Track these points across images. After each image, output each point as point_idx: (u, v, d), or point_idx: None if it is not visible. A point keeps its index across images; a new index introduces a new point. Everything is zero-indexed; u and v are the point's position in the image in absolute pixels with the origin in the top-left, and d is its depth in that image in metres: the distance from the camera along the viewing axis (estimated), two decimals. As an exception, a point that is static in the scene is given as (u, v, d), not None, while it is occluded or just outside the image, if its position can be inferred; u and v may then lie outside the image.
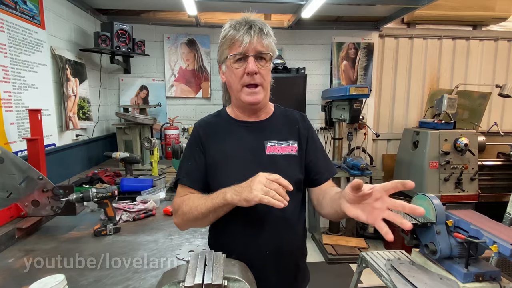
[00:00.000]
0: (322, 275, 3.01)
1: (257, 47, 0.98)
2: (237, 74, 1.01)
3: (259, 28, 0.98)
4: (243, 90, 1.02)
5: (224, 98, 1.18)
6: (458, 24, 4.02)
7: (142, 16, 3.54)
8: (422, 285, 1.46)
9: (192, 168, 1.08)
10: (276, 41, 1.05)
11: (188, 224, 1.05)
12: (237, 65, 1.00)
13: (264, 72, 1.01)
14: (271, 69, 1.08)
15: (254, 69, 0.98)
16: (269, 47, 1.01)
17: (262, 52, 0.99)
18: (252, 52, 0.98)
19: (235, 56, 0.99)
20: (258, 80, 1.00)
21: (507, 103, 4.12)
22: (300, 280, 1.13)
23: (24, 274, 1.10)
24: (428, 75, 4.05)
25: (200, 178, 1.07)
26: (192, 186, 1.06)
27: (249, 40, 0.96)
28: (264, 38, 0.99)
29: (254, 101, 1.02)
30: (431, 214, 1.63)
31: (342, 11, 3.46)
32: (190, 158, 1.10)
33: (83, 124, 2.74)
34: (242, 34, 0.96)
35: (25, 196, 1.46)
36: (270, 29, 1.03)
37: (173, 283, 0.68)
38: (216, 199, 0.92)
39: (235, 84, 1.03)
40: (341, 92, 3.16)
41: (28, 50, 2.02)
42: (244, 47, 0.97)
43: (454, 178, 3.22)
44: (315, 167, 1.09)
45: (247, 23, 0.98)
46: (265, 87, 1.04)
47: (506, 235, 1.40)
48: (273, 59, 1.07)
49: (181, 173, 1.09)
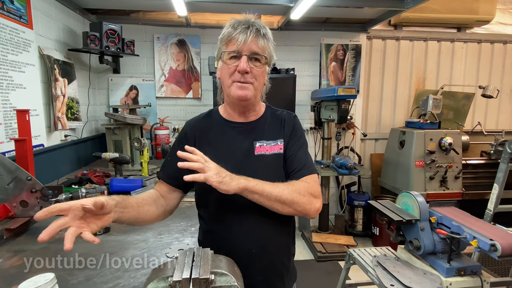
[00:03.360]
0: (311, 272, 3.06)
1: (251, 47, 1.00)
2: (229, 70, 1.03)
3: (256, 29, 1.00)
4: (233, 85, 1.03)
5: (219, 96, 1.19)
6: (443, 27, 4.12)
7: (131, 16, 3.53)
8: (406, 280, 1.51)
9: (170, 163, 1.12)
10: (274, 45, 1.07)
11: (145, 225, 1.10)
12: (231, 61, 1.02)
13: (257, 73, 1.03)
14: (268, 72, 1.10)
15: (245, 68, 0.99)
16: (265, 49, 1.02)
17: (256, 53, 1.01)
18: (246, 52, 1.00)
19: (229, 53, 1.02)
20: (249, 79, 1.02)
21: (490, 104, 4.24)
22: (286, 278, 1.14)
23: (13, 274, 1.10)
24: (414, 76, 4.14)
25: (175, 175, 1.09)
26: (165, 181, 1.11)
27: (244, 39, 0.98)
28: (260, 39, 1.00)
29: (243, 95, 1.03)
30: (415, 211, 1.68)
31: (330, 13, 3.52)
32: (170, 155, 1.14)
33: (72, 125, 2.72)
34: (238, 32, 0.99)
35: (13, 196, 1.45)
36: (269, 33, 1.05)
37: (162, 278, 0.70)
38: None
39: (226, 80, 1.05)
40: (330, 93, 3.21)
41: (16, 50, 2.00)
42: (239, 45, 0.99)
43: (439, 176, 3.31)
44: (292, 164, 1.09)
45: (246, 23, 1.01)
46: (256, 87, 1.05)
47: (486, 231, 1.45)
48: (270, 63, 1.09)
49: (160, 169, 1.15)
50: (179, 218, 1.67)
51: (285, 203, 0.98)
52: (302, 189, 1.01)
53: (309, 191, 1.02)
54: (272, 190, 0.96)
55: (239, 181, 0.93)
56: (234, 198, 1.02)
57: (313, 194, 1.03)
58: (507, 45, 4.21)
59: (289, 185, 1.01)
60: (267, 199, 0.96)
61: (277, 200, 0.97)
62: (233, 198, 1.02)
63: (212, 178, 0.89)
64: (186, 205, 1.89)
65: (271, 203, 0.97)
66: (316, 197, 1.03)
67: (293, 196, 0.98)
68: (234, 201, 1.03)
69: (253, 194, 0.95)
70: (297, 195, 0.99)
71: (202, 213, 1.14)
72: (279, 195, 0.97)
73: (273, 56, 1.08)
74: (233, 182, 0.92)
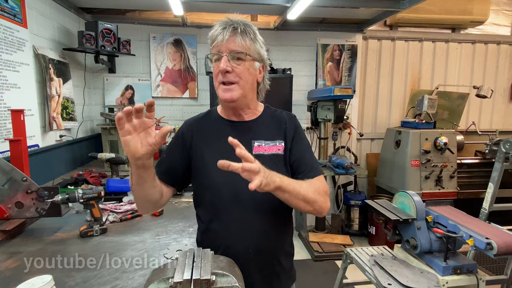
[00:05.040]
0: (308, 272, 3.06)
1: (229, 46, 0.99)
2: (215, 72, 1.04)
3: (233, 27, 0.99)
4: (220, 87, 1.04)
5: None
6: (438, 27, 4.16)
7: (127, 15, 3.51)
8: (403, 279, 1.52)
9: (164, 160, 1.14)
10: (262, 41, 1.06)
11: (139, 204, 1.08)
12: (215, 63, 1.03)
13: (239, 71, 1.01)
14: (268, 69, 1.10)
15: (224, 68, 0.99)
16: (244, 46, 1.00)
17: (236, 51, 1.00)
18: (225, 51, 1.00)
19: (213, 55, 1.03)
20: (232, 78, 1.01)
21: (484, 104, 4.29)
22: (284, 278, 1.14)
23: (10, 276, 1.09)
24: (409, 76, 4.17)
25: (168, 171, 1.11)
26: (158, 177, 1.09)
27: (222, 39, 0.98)
28: (237, 36, 0.99)
29: (228, 98, 1.03)
30: (412, 211, 1.69)
31: (327, 13, 3.53)
32: (166, 152, 1.15)
33: (67, 125, 2.69)
34: (217, 33, 0.99)
35: (8, 198, 1.43)
36: (252, 28, 1.03)
37: (162, 280, 0.70)
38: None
39: (215, 81, 1.06)
40: (326, 93, 3.22)
41: (10, 49, 1.98)
42: (217, 46, 1.00)
43: (434, 176, 3.34)
44: (301, 166, 1.09)
45: (225, 23, 1.00)
46: (242, 86, 1.03)
47: (481, 230, 1.46)
48: (262, 59, 1.07)
49: (155, 165, 1.12)
50: (176, 219, 1.66)
51: (309, 202, 0.99)
52: (320, 189, 1.04)
53: (324, 190, 1.06)
54: (300, 189, 0.97)
55: (275, 180, 0.89)
56: (232, 196, 1.03)
57: (326, 193, 1.07)
58: (500, 45, 4.26)
59: (311, 184, 1.02)
60: (295, 197, 0.96)
61: (303, 199, 0.98)
62: (231, 196, 1.03)
63: (262, 183, 0.82)
64: (184, 206, 1.88)
65: (298, 201, 0.97)
66: (328, 196, 1.08)
67: (315, 195, 1.00)
68: (232, 200, 1.04)
69: (285, 193, 0.93)
70: (317, 194, 1.01)
71: (200, 213, 1.14)
72: (305, 194, 0.98)
73: (261, 52, 1.06)
74: (273, 179, 0.88)
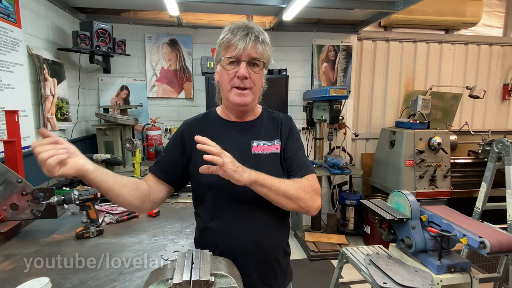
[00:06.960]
0: (304, 271, 3.08)
1: (250, 53, 1.02)
2: (228, 76, 1.05)
3: (255, 35, 1.02)
4: (232, 91, 1.06)
5: (218, 97, 1.21)
6: (432, 29, 4.20)
7: (122, 15, 3.49)
8: (398, 277, 1.54)
9: (163, 159, 1.16)
10: (272, 49, 1.09)
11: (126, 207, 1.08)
12: (230, 67, 1.04)
13: (255, 77, 1.05)
14: (265, 74, 1.12)
15: (244, 74, 1.02)
16: (263, 54, 1.04)
17: (255, 59, 1.03)
18: (245, 58, 1.02)
19: (229, 58, 1.03)
20: (248, 84, 1.04)
21: (477, 104, 4.35)
22: (281, 277, 1.16)
23: (5, 278, 1.08)
24: (404, 77, 4.21)
25: (167, 170, 1.13)
26: (156, 174, 1.13)
27: (244, 46, 1.00)
28: (258, 45, 1.02)
29: (241, 102, 1.06)
30: (407, 210, 1.71)
31: (322, 14, 3.55)
32: (165, 151, 1.17)
33: (61, 125, 2.67)
34: (238, 39, 1.00)
35: (3, 199, 1.41)
36: (267, 37, 1.07)
37: (161, 281, 0.70)
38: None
39: (226, 85, 1.07)
40: (322, 94, 3.24)
41: (4, 49, 1.96)
42: (238, 52, 1.01)
43: (428, 175, 3.37)
44: (293, 164, 1.12)
45: (245, 29, 1.02)
46: (254, 92, 1.08)
47: (475, 229, 1.49)
48: (268, 66, 1.11)
49: (154, 164, 1.18)
50: (173, 219, 1.66)
51: (291, 198, 1.01)
52: (306, 186, 1.05)
53: (312, 188, 1.07)
54: (280, 185, 1.00)
55: (250, 173, 0.95)
56: (231, 195, 1.05)
57: (315, 191, 1.07)
58: (492, 46, 4.31)
59: (295, 181, 1.04)
60: (275, 193, 0.99)
61: (284, 195, 1.00)
62: (231, 195, 1.05)
63: (227, 165, 0.91)
64: (181, 207, 1.88)
65: (278, 197, 1.00)
66: (317, 195, 1.08)
67: (299, 192, 1.02)
68: (232, 199, 1.05)
69: (262, 187, 0.97)
70: (301, 191, 1.03)
71: (199, 211, 1.15)
72: (286, 190, 1.00)
73: (271, 60, 1.11)
74: (245, 173, 0.94)
